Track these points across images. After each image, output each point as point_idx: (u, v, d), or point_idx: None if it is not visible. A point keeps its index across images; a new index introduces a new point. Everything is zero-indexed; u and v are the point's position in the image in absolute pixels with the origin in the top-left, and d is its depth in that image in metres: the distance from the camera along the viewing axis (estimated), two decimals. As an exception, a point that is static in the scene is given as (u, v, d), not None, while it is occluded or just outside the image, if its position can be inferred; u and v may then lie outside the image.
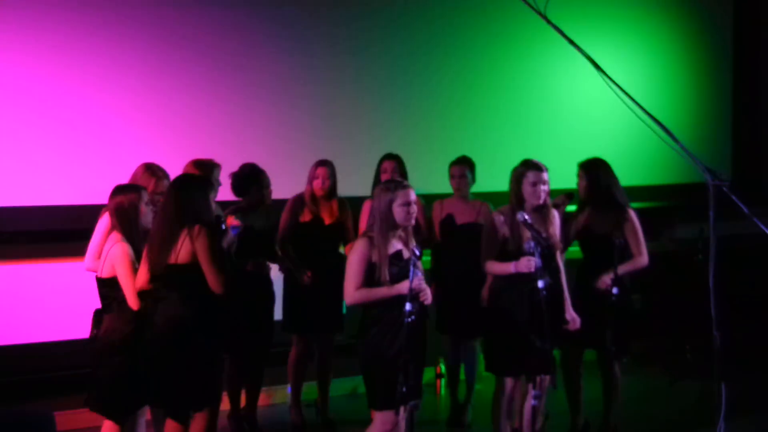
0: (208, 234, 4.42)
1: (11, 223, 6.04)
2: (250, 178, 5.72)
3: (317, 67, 7.04)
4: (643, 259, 5.43)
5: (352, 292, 4.44)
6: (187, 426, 4.56)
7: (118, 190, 4.70)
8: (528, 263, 4.80)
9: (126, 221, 4.61)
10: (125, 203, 4.61)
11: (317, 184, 5.87)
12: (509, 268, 4.93)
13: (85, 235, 4.97)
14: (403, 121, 7.36)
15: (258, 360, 5.87)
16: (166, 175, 5.10)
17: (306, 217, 5.91)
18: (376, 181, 5.90)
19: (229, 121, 6.73)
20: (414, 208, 4.45)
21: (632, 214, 5.45)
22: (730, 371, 3.98)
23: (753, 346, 7.48)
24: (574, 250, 5.70)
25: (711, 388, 3.89)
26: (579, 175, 5.57)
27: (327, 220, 5.93)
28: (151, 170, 5.07)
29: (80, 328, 4.79)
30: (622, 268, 5.30)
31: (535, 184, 4.99)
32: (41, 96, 6.13)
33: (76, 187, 6.13)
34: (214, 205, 5.08)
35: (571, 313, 5.16)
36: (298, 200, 5.97)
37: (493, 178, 6.02)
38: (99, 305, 4.73)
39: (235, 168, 5.74)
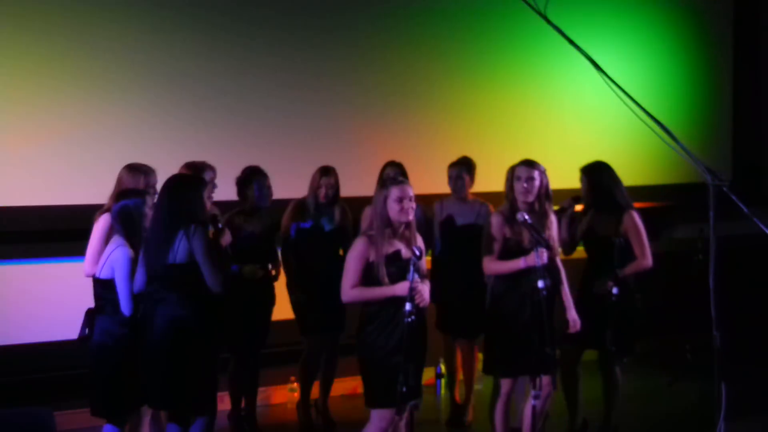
0: (205, 233, 4.42)
1: (11, 223, 6.04)
2: (247, 181, 5.77)
3: (317, 70, 7.03)
4: (646, 261, 5.42)
5: (347, 290, 4.46)
6: (187, 426, 4.55)
7: (123, 194, 4.69)
8: (541, 255, 4.78)
9: (131, 225, 4.61)
10: (131, 208, 4.60)
11: (322, 193, 5.89)
12: (518, 264, 4.90)
13: (85, 235, 4.96)
14: (403, 121, 7.35)
15: (254, 360, 5.88)
16: (151, 169, 5.06)
17: (307, 222, 5.92)
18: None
19: (229, 125, 6.72)
20: (409, 204, 4.42)
21: (634, 216, 5.44)
22: (730, 371, 3.98)
23: (753, 346, 7.48)
24: (579, 250, 5.71)
25: (711, 388, 3.89)
26: (581, 179, 5.58)
27: (328, 226, 5.95)
28: (136, 168, 5.01)
29: (80, 329, 4.78)
30: (626, 270, 5.30)
31: (519, 179, 4.98)
32: (41, 96, 6.12)
33: (76, 187, 6.12)
34: (209, 205, 5.09)
35: (572, 315, 5.16)
36: (300, 206, 5.98)
37: (493, 179, 6.01)
38: (98, 306, 4.74)
39: (235, 171, 5.78)
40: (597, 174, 5.52)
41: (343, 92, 7.15)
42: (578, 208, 5.68)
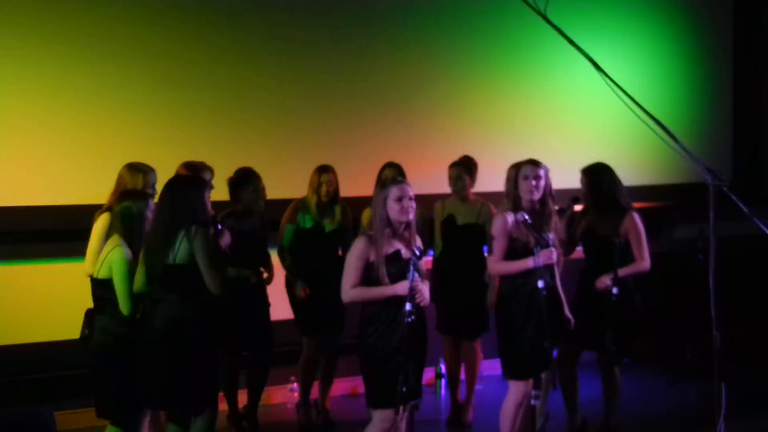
0: (206, 234, 4.42)
1: (11, 223, 6.04)
2: (241, 182, 5.76)
3: (316, 70, 7.03)
4: (644, 263, 5.42)
5: (347, 289, 4.46)
6: (187, 427, 4.56)
7: (126, 194, 4.70)
8: (550, 254, 4.76)
9: (130, 226, 4.61)
10: (133, 209, 4.61)
11: (323, 191, 5.89)
12: (527, 264, 4.88)
13: (85, 235, 4.97)
14: (402, 120, 7.35)
15: (263, 361, 5.88)
16: (151, 168, 5.08)
17: (307, 222, 5.93)
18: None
19: (228, 125, 6.72)
20: (409, 203, 4.42)
21: (635, 217, 5.44)
22: (730, 371, 3.98)
23: (753, 346, 7.48)
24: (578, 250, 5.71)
25: (711, 388, 3.90)
26: (581, 180, 5.58)
27: (329, 226, 5.95)
28: (136, 167, 5.04)
29: (80, 328, 4.79)
30: (623, 271, 5.29)
31: (527, 178, 4.97)
32: (41, 96, 6.12)
33: (76, 187, 6.13)
34: (209, 206, 5.09)
35: (566, 313, 5.16)
36: (300, 206, 5.98)
37: (493, 179, 6.02)
38: (98, 305, 4.74)
39: (232, 172, 5.78)
40: (597, 175, 5.53)
41: (342, 92, 7.15)
42: (577, 208, 5.68)
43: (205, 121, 6.64)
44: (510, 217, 5.00)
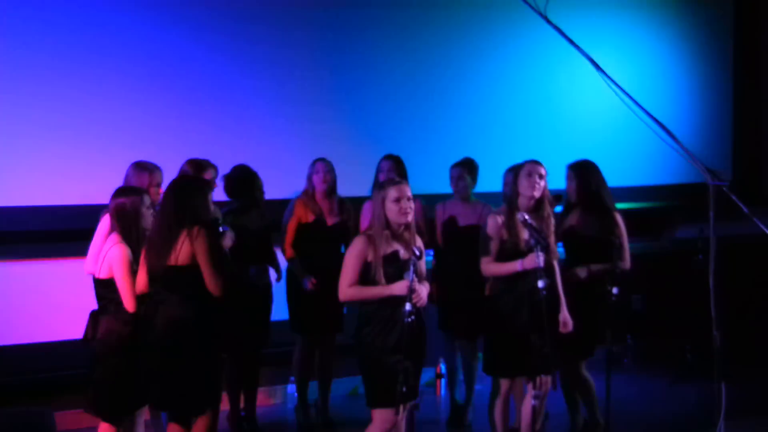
0: (208, 235, 4.41)
1: (11, 223, 6.04)
2: (242, 180, 5.74)
3: (316, 67, 7.04)
4: (625, 263, 5.42)
5: (344, 288, 4.46)
6: (188, 428, 4.55)
7: (120, 191, 4.69)
8: (537, 258, 4.78)
9: (126, 223, 4.61)
10: (127, 205, 4.60)
11: (318, 179, 5.89)
12: (515, 266, 4.90)
13: (85, 235, 4.96)
14: (402, 121, 7.35)
15: (254, 360, 5.88)
16: (157, 167, 5.10)
17: (308, 218, 5.93)
18: (376, 181, 5.92)
19: (226, 122, 6.72)
20: (407, 204, 4.42)
21: (619, 218, 5.48)
22: (730, 371, 3.98)
23: (753, 346, 7.48)
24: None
25: (711, 388, 3.90)
26: (568, 177, 5.58)
27: (329, 221, 5.95)
28: (142, 166, 5.06)
29: (80, 328, 4.79)
30: (597, 267, 5.27)
31: (530, 175, 4.98)
32: (41, 96, 6.12)
33: (76, 187, 6.13)
34: (212, 206, 5.09)
35: (564, 315, 5.15)
36: (300, 201, 5.98)
37: (493, 179, 6.02)
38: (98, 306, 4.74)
39: (229, 169, 5.78)
40: (587, 173, 5.53)
41: (342, 93, 7.15)
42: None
43: (205, 121, 6.64)
44: (499, 219, 5.03)
